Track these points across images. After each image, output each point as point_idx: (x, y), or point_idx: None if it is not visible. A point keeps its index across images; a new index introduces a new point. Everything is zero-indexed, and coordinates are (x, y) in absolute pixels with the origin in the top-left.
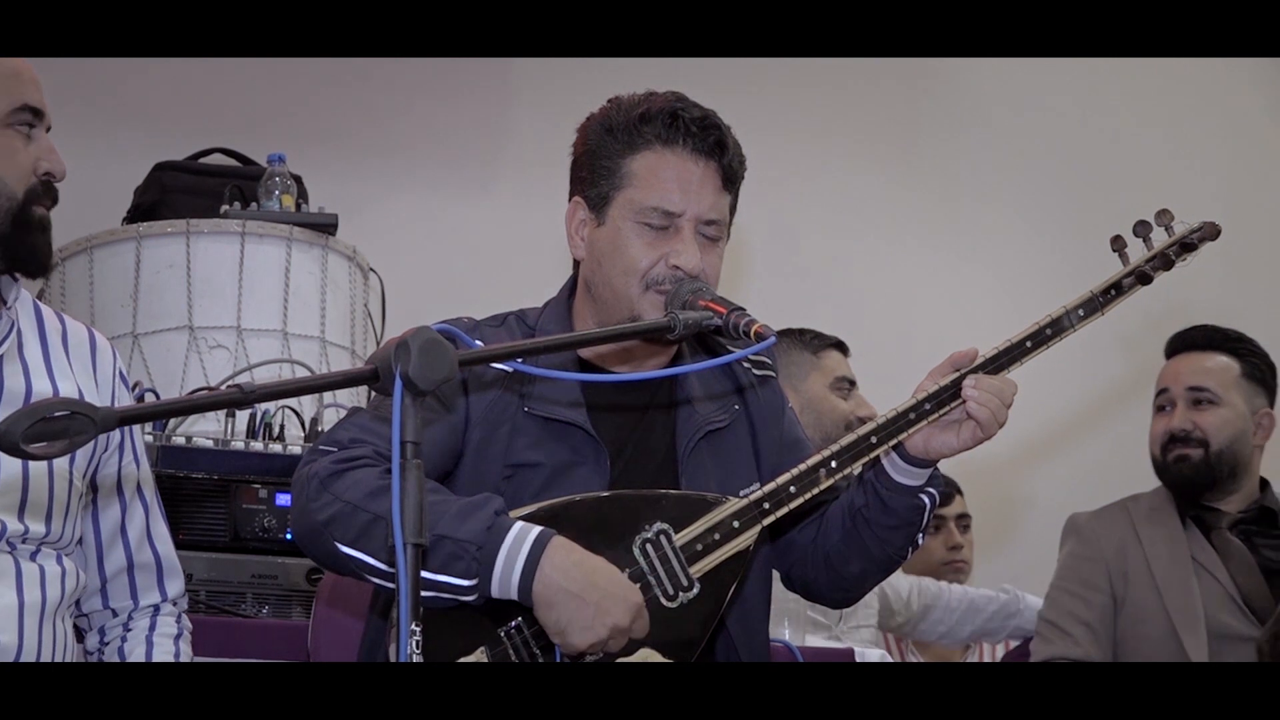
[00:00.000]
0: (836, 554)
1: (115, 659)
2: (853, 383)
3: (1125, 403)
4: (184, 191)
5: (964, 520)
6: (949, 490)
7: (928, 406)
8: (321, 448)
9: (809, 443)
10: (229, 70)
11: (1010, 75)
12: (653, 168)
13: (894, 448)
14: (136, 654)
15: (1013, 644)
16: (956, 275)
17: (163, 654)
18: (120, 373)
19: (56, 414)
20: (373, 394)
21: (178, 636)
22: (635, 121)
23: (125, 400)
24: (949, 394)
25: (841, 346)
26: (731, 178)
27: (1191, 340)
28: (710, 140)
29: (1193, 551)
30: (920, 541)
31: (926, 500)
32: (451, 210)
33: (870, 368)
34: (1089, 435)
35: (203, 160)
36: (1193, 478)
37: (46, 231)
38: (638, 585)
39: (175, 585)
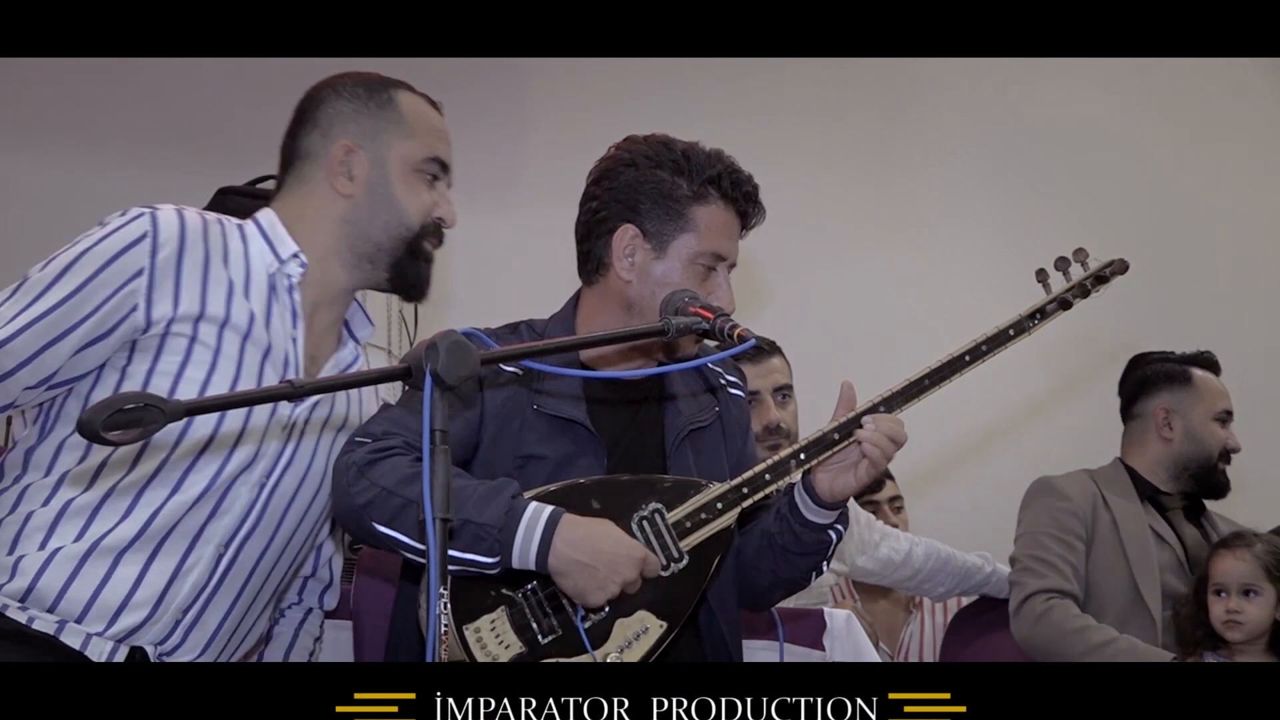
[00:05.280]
0: (750, 566)
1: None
2: (790, 388)
3: (1045, 412)
4: (243, 212)
5: (896, 502)
6: (879, 477)
7: (882, 409)
8: (357, 439)
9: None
10: (284, 107)
11: (988, 79)
12: (714, 219)
13: (806, 491)
14: (282, 640)
15: (964, 600)
16: (929, 278)
17: (301, 649)
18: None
19: (131, 405)
20: (405, 388)
21: (318, 639)
22: (708, 179)
23: (373, 402)
24: (912, 392)
25: (780, 351)
26: (746, 230)
27: (1217, 364)
28: (754, 205)
29: (1150, 524)
30: (824, 569)
31: (833, 536)
32: (475, 228)
33: (845, 368)
34: (1013, 440)
35: (260, 185)
36: (1224, 486)
37: (430, 263)
38: None
39: (332, 599)
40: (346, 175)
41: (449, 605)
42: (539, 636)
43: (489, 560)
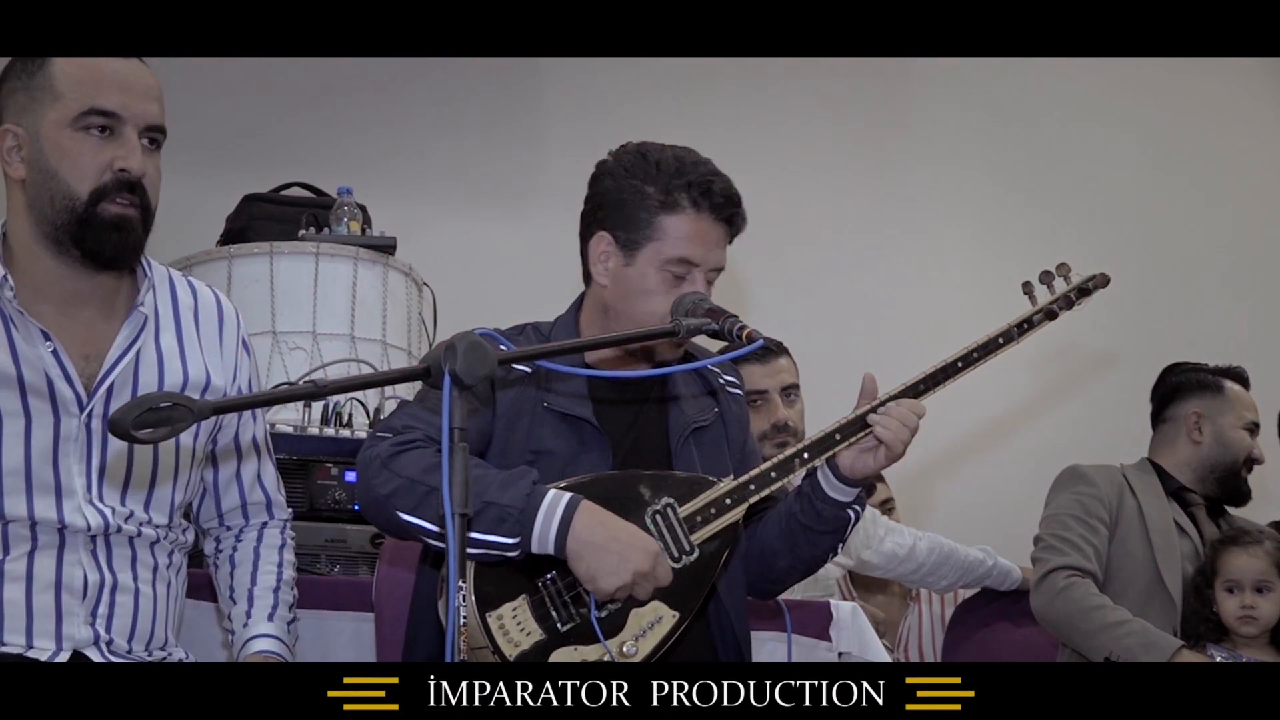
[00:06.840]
0: (770, 550)
1: (227, 567)
2: (796, 387)
3: (1031, 416)
4: (268, 219)
5: (888, 504)
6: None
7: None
8: (380, 434)
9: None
10: (308, 117)
11: (986, 81)
12: (682, 227)
13: (830, 468)
14: (245, 564)
15: (963, 595)
16: (927, 278)
17: (268, 564)
18: (243, 340)
19: (161, 405)
20: (424, 387)
21: (282, 547)
22: (675, 188)
23: (246, 365)
24: (908, 396)
25: (787, 352)
26: (734, 236)
27: (1247, 378)
28: (731, 211)
29: (1173, 516)
30: (841, 549)
31: (852, 515)
32: (492, 233)
33: (844, 368)
34: (1002, 442)
35: (283, 192)
36: (1246, 493)
37: (121, 229)
38: None
39: (282, 513)
40: (20, 160)
41: (468, 597)
42: (558, 625)
43: (510, 541)
